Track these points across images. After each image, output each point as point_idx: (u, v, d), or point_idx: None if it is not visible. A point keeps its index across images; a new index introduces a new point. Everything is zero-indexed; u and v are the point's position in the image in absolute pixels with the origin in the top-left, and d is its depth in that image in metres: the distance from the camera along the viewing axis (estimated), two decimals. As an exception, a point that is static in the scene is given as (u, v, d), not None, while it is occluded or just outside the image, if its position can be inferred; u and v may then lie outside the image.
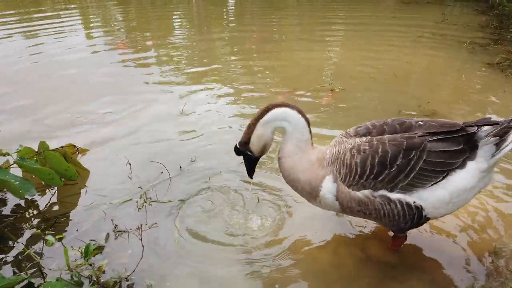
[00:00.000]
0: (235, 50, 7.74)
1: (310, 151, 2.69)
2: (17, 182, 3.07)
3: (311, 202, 2.78)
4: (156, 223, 3.02)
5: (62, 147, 3.78)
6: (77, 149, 3.98)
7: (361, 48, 7.76)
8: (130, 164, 3.75)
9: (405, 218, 2.50)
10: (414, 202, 2.47)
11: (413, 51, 7.40)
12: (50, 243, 2.72)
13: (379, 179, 2.46)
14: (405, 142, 2.43)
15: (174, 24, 10.59)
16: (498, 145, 2.43)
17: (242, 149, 2.69)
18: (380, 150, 2.45)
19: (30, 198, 3.33)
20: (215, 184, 3.56)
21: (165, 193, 3.46)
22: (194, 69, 6.67)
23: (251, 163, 2.77)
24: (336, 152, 2.63)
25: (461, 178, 2.44)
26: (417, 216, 2.50)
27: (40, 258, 2.72)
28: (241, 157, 2.77)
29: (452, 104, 5.33)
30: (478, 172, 2.45)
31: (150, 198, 3.38)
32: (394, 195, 2.48)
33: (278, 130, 2.67)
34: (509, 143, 2.40)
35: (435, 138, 2.43)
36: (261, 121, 2.59)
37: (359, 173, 2.49)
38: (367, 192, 2.52)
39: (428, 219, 2.55)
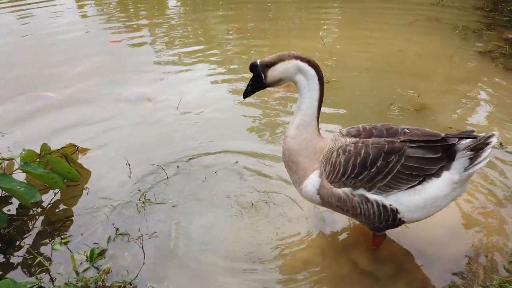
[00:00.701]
0: (229, 32, 7.73)
1: (317, 138, 2.83)
2: (22, 189, 3.23)
3: (295, 186, 2.96)
4: (155, 232, 3.20)
5: (63, 147, 3.92)
6: (77, 148, 4.11)
7: (356, 32, 7.77)
8: (129, 164, 3.90)
9: (380, 218, 2.69)
10: (390, 205, 2.66)
11: (407, 36, 7.42)
12: (56, 248, 2.94)
13: (359, 179, 2.65)
14: (386, 146, 2.61)
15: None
16: (472, 160, 2.58)
17: (261, 69, 2.69)
18: (362, 151, 2.63)
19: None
20: (211, 184, 3.74)
21: (163, 194, 3.64)
22: (189, 53, 6.66)
23: (256, 86, 2.77)
24: (329, 150, 2.80)
25: (435, 186, 2.62)
26: (391, 218, 2.69)
27: (49, 264, 2.92)
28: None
29: (442, 96, 5.43)
30: (451, 183, 2.62)
31: (149, 199, 3.56)
32: (372, 196, 2.66)
33: (293, 84, 2.75)
34: (482, 159, 2.55)
35: (415, 144, 2.60)
36: (297, 62, 2.66)
37: (341, 171, 2.67)
38: (347, 190, 2.70)
39: (403, 222, 2.74)
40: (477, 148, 2.56)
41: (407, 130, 2.70)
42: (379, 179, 2.60)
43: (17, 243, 3.16)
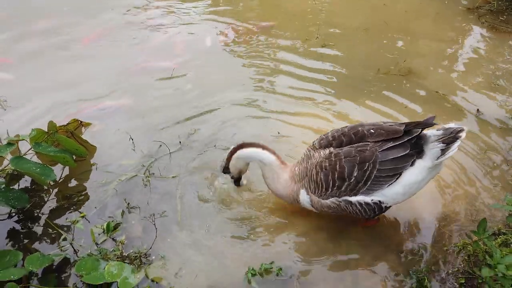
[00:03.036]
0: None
1: (283, 172, 3.30)
2: (38, 169, 3.49)
3: (298, 205, 3.36)
4: (165, 211, 3.54)
5: (68, 124, 4.14)
6: (81, 123, 4.33)
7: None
8: (132, 139, 4.16)
9: (367, 213, 3.08)
10: (372, 200, 3.02)
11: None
12: (76, 222, 3.30)
13: (342, 189, 3.02)
14: (358, 157, 2.91)
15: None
16: (443, 151, 2.89)
17: (226, 171, 3.42)
18: (338, 166, 2.96)
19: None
20: (211, 158, 4.04)
21: (167, 168, 3.94)
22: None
23: (235, 180, 3.52)
24: (304, 168, 3.18)
25: (412, 174, 2.96)
26: (377, 208, 3.06)
27: (72, 237, 3.29)
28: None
29: (427, 57, 5.61)
30: (425, 168, 2.96)
31: (153, 173, 3.87)
32: (354, 198, 3.03)
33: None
34: (452, 150, 2.88)
35: (384, 147, 2.89)
36: (234, 156, 3.30)
37: (324, 187, 3.06)
38: (333, 199, 3.09)
39: (389, 207, 3.12)
40: (448, 141, 2.87)
41: (372, 131, 2.97)
42: (361, 186, 2.95)
43: (39, 218, 3.50)
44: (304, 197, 3.21)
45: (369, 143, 2.93)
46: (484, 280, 2.82)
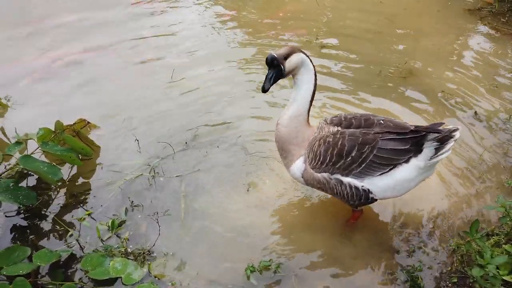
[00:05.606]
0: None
1: (306, 128, 3.22)
2: (45, 168, 3.62)
3: (285, 167, 3.41)
4: (168, 209, 3.65)
5: (74, 123, 4.26)
6: (88, 123, 4.44)
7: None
8: (137, 140, 4.27)
9: (353, 198, 3.14)
10: (362, 186, 3.09)
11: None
12: (82, 219, 3.42)
13: (337, 166, 3.07)
14: (360, 138, 3.00)
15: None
16: (437, 150, 2.96)
17: (280, 61, 2.93)
18: (339, 143, 3.03)
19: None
20: (214, 158, 4.15)
21: (172, 168, 4.05)
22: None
23: (277, 77, 2.99)
24: (313, 139, 3.21)
25: (404, 171, 3.03)
26: (364, 197, 3.12)
27: (79, 235, 3.41)
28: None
29: (427, 59, 5.62)
30: (418, 168, 3.03)
31: (158, 173, 3.99)
32: (346, 179, 3.09)
33: (290, 78, 3.15)
34: (446, 150, 2.94)
35: (387, 137, 2.98)
36: (303, 56, 3.01)
37: (321, 160, 3.10)
38: (325, 174, 3.15)
39: (376, 200, 3.19)
40: (443, 140, 2.93)
41: (382, 122, 3.07)
42: (354, 167, 3.02)
43: (46, 215, 3.62)
44: (299, 165, 3.22)
45: (374, 130, 3.01)
46: (475, 279, 2.90)
